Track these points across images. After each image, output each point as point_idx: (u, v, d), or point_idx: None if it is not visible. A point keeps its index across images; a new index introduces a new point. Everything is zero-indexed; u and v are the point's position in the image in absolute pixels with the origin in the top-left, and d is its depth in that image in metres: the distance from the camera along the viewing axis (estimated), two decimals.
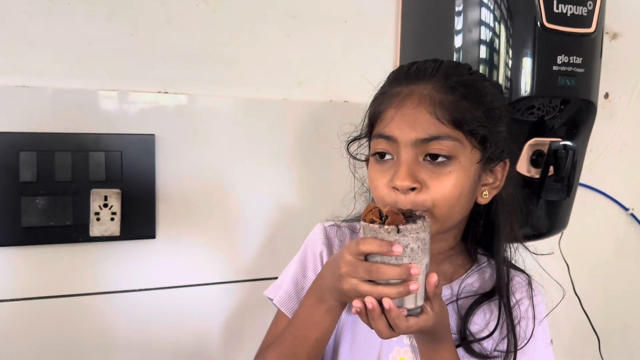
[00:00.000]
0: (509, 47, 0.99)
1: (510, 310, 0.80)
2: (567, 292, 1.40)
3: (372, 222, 0.65)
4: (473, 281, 0.83)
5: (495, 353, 0.79)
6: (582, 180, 1.42)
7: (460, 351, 0.77)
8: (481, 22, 1.01)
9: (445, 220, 0.74)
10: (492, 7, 1.00)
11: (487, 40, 1.01)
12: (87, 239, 1.00)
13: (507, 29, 0.99)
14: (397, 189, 0.72)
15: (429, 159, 0.73)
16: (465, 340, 0.78)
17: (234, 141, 1.10)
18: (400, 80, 0.77)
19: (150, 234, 1.05)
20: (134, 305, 1.05)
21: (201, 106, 1.07)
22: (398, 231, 0.63)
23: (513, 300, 0.82)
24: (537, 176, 1.05)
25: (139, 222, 1.04)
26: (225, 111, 1.09)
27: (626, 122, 1.48)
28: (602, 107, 1.46)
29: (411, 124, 0.72)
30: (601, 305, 1.48)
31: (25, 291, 0.99)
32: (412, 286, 0.63)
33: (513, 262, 0.86)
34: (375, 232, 0.64)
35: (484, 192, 0.78)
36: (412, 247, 0.63)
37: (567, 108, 1.05)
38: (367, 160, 0.82)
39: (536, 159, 1.05)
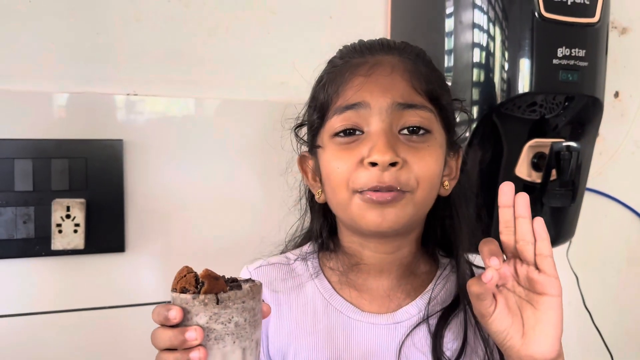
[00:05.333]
0: (505, 38, 0.91)
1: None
2: (576, 306, 1.31)
3: (185, 291, 0.51)
4: (440, 293, 0.72)
5: None
6: (591, 185, 1.33)
7: None
8: (474, 12, 0.93)
9: (423, 205, 0.66)
10: None
11: (481, 32, 0.93)
12: (50, 252, 0.93)
13: (502, 18, 0.91)
14: (376, 164, 0.62)
15: (405, 132, 0.64)
16: None
17: (210, 147, 1.03)
18: (362, 51, 0.69)
19: (119, 247, 0.97)
20: (101, 323, 0.98)
21: (174, 109, 1.00)
22: (218, 302, 0.50)
23: None
24: (538, 181, 0.96)
25: (106, 234, 0.97)
26: (200, 114, 1.02)
27: (638, 123, 1.39)
28: (612, 107, 1.37)
29: (385, 89, 0.64)
30: (614, 320, 1.37)
31: None
32: (193, 354, 0.50)
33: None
34: (188, 305, 0.50)
35: (445, 183, 0.70)
36: (236, 320, 0.51)
37: (571, 106, 0.96)
38: (314, 148, 0.71)
39: (537, 162, 0.96)
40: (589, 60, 0.92)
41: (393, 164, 0.62)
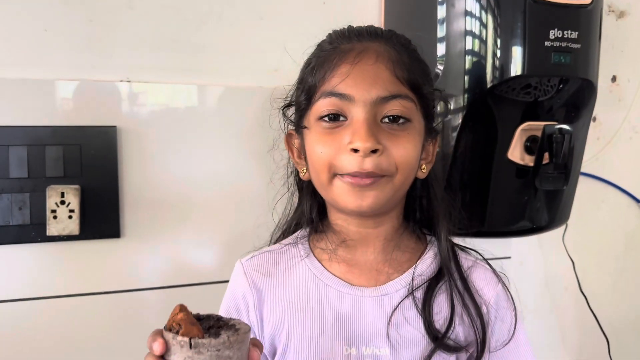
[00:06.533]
0: (497, 21, 0.91)
1: (467, 286, 0.73)
2: (573, 290, 1.31)
3: (171, 329, 0.52)
4: (427, 269, 0.75)
5: (471, 338, 0.73)
6: (588, 170, 1.33)
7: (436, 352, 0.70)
8: None
9: (401, 187, 0.70)
10: None
11: (474, 14, 0.92)
12: (46, 238, 0.94)
13: (493, 1, 0.91)
14: (357, 151, 0.65)
15: (387, 120, 0.68)
16: (438, 340, 0.70)
17: (204, 133, 1.03)
18: (351, 37, 0.72)
19: (114, 233, 0.98)
20: (96, 308, 0.98)
21: (167, 96, 1.01)
22: (191, 346, 0.51)
23: (481, 292, 0.75)
24: (531, 164, 0.96)
25: (101, 220, 0.97)
26: (193, 101, 1.02)
27: (636, 107, 1.38)
28: (610, 91, 1.36)
29: (370, 81, 0.67)
30: (610, 304, 1.37)
31: None
32: None
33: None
34: (169, 343, 0.52)
35: (423, 166, 0.75)
36: None
37: (565, 88, 0.96)
38: (300, 128, 0.74)
39: (530, 145, 0.96)
40: (581, 43, 0.91)
41: (374, 151, 0.66)
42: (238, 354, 0.53)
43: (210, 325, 0.55)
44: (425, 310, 0.71)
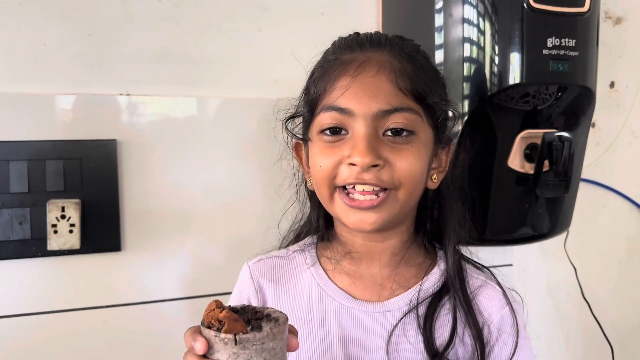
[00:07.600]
0: (494, 30, 0.91)
1: (470, 305, 0.71)
2: (575, 297, 1.31)
3: (210, 326, 0.52)
4: (432, 285, 0.73)
5: None
6: (588, 176, 1.33)
7: None
8: (464, 3, 0.92)
9: (407, 202, 0.68)
10: None
11: (471, 23, 0.92)
12: (46, 253, 0.94)
13: (491, 10, 0.91)
14: (356, 165, 0.64)
15: (389, 134, 0.65)
16: (435, 358, 0.68)
17: (204, 145, 1.03)
18: (353, 47, 0.69)
19: (115, 247, 0.98)
20: (98, 322, 0.98)
21: (167, 108, 1.01)
22: (236, 342, 0.51)
23: (486, 313, 0.72)
24: (531, 172, 0.96)
25: (101, 234, 0.97)
26: (193, 113, 1.03)
27: (635, 113, 1.38)
28: (608, 97, 1.36)
29: (371, 94, 0.65)
30: (614, 310, 1.37)
31: None
32: None
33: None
34: (211, 341, 0.52)
35: (434, 176, 0.72)
36: None
37: (564, 96, 0.96)
38: (304, 140, 0.73)
39: (530, 153, 0.96)
40: (579, 50, 0.92)
41: (375, 166, 0.64)
42: (280, 343, 0.54)
43: (249, 318, 0.55)
44: (426, 329, 0.69)
